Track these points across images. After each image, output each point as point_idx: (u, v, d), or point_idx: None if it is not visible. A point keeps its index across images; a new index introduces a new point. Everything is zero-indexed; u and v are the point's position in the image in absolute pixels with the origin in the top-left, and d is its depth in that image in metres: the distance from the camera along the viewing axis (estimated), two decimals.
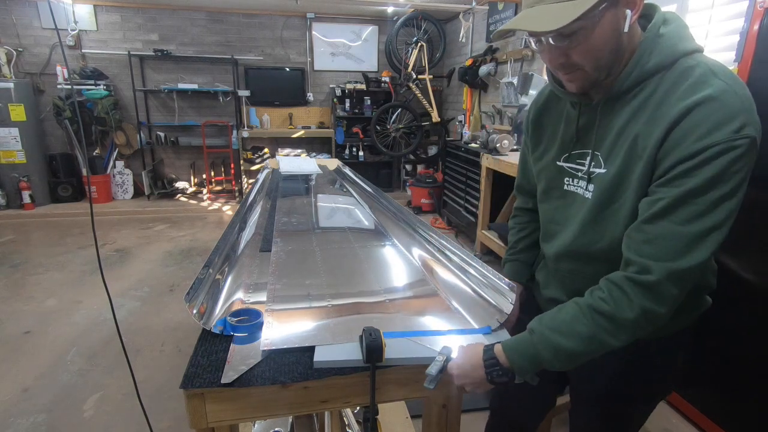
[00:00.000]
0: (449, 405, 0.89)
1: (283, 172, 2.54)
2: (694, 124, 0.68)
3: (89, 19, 5.26)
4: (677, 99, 0.71)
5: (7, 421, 1.87)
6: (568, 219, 0.91)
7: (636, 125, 0.76)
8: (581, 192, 0.87)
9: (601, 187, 0.81)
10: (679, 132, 0.69)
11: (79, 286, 3.23)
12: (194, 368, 0.75)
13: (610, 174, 0.80)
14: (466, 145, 4.21)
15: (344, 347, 0.80)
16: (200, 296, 0.98)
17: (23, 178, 5.01)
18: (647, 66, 0.75)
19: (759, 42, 1.59)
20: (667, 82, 0.74)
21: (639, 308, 0.71)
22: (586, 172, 0.85)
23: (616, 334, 0.73)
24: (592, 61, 0.75)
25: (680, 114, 0.69)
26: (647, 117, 0.74)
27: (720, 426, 1.77)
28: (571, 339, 0.74)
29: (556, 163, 0.92)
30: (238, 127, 5.71)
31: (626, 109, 0.78)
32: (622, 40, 0.74)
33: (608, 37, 0.73)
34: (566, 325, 0.75)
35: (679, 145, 0.69)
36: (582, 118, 0.85)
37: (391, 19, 5.75)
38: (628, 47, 0.76)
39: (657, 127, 0.72)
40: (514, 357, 0.77)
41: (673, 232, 0.69)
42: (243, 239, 1.36)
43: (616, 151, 0.79)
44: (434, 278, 1.09)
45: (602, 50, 0.74)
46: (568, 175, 0.90)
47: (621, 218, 0.79)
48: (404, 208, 1.86)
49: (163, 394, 2.05)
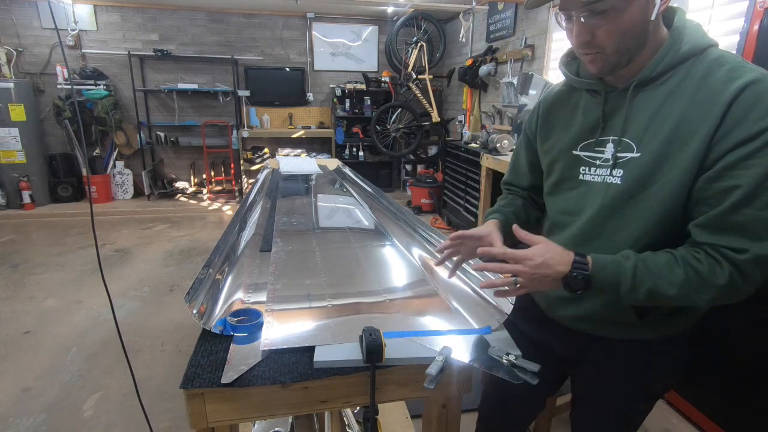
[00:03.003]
0: (449, 405, 0.89)
1: (283, 172, 2.54)
2: (750, 104, 0.70)
3: (89, 19, 5.26)
4: (722, 82, 0.73)
5: (7, 421, 1.87)
6: (583, 208, 0.89)
7: (674, 109, 0.77)
8: (600, 180, 0.86)
9: (635, 171, 0.81)
10: (735, 114, 0.71)
11: (79, 286, 3.23)
12: (194, 368, 0.75)
13: (645, 158, 0.79)
14: (466, 145, 4.21)
15: (344, 347, 0.80)
16: (200, 296, 0.98)
17: (23, 178, 5.01)
18: (681, 51, 0.77)
19: (759, 42, 1.59)
20: (700, 68, 0.76)
21: (729, 277, 0.73)
22: (610, 157, 0.84)
23: (702, 292, 0.75)
24: (616, 43, 0.77)
25: (732, 96, 0.71)
26: (688, 100, 0.75)
27: (720, 426, 1.77)
28: (659, 279, 0.75)
29: (572, 153, 0.91)
30: (238, 127, 5.71)
31: (658, 93, 0.79)
32: (647, 28, 0.77)
33: (636, 21, 0.75)
34: (659, 267, 0.76)
35: (738, 125, 0.70)
36: (606, 105, 0.85)
37: (391, 19, 5.75)
38: (652, 37, 0.78)
39: (707, 111, 0.73)
40: (600, 270, 0.78)
41: (759, 218, 0.70)
42: (243, 239, 1.36)
43: (650, 135, 0.79)
44: (434, 278, 1.09)
45: (628, 33, 0.76)
46: (584, 164, 0.89)
47: (657, 202, 0.79)
48: (404, 208, 1.86)
49: (163, 394, 2.05)
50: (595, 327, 0.94)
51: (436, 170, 5.81)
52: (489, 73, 4.47)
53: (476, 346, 0.84)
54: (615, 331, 0.92)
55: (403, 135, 5.81)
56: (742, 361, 1.69)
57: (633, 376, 0.94)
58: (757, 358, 1.63)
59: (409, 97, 5.55)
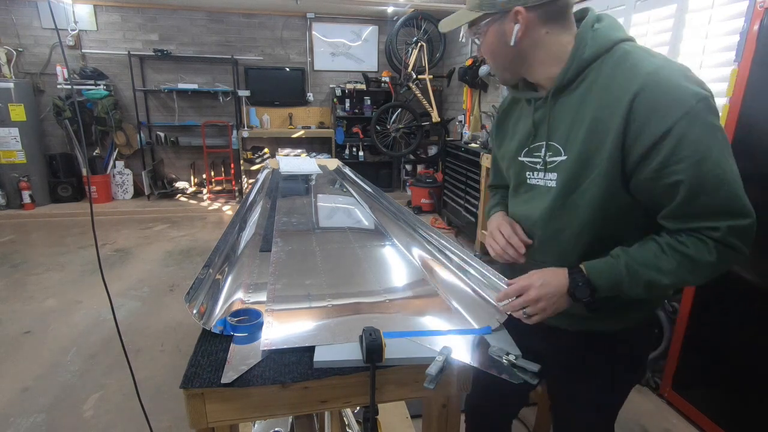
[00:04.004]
0: (449, 405, 0.89)
1: (283, 172, 2.54)
2: (653, 99, 0.73)
3: (89, 19, 5.26)
4: (625, 80, 0.76)
5: (7, 421, 1.87)
6: (535, 211, 0.94)
7: (588, 110, 0.81)
8: (542, 183, 0.92)
9: (565, 173, 0.86)
10: (640, 111, 0.74)
11: (79, 286, 3.23)
12: (194, 368, 0.75)
13: (571, 160, 0.84)
14: (466, 145, 4.21)
15: (344, 347, 0.80)
16: (200, 296, 0.98)
17: (23, 178, 5.01)
18: (584, 55, 0.81)
19: (759, 42, 1.59)
20: (608, 67, 0.80)
21: (717, 252, 0.75)
22: (542, 163, 0.90)
23: (697, 273, 0.78)
24: (492, 62, 0.91)
25: (634, 93, 0.74)
26: (598, 100, 0.79)
27: (720, 426, 1.77)
28: (652, 270, 0.78)
29: (518, 159, 0.97)
30: (238, 127, 5.71)
31: (573, 98, 0.84)
32: (513, 51, 0.85)
33: (495, 46, 0.87)
34: (648, 259, 0.79)
35: (648, 122, 0.73)
36: (537, 112, 0.91)
37: (391, 19, 5.75)
38: (547, 50, 0.84)
39: (614, 110, 0.76)
40: (598, 277, 0.81)
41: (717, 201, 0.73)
42: (243, 239, 1.36)
43: (572, 138, 0.84)
44: (434, 278, 1.09)
45: (495, 54, 0.89)
46: (529, 169, 0.95)
47: (588, 200, 0.83)
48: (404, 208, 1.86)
49: (163, 394, 2.05)
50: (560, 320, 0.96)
51: (436, 170, 5.81)
52: (489, 73, 4.48)
53: (476, 346, 0.84)
54: (577, 323, 0.96)
55: (403, 135, 5.81)
56: (741, 361, 1.69)
57: (597, 368, 0.98)
58: (757, 358, 1.63)
59: (409, 97, 5.55)
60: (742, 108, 1.66)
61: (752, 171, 1.60)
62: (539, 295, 0.84)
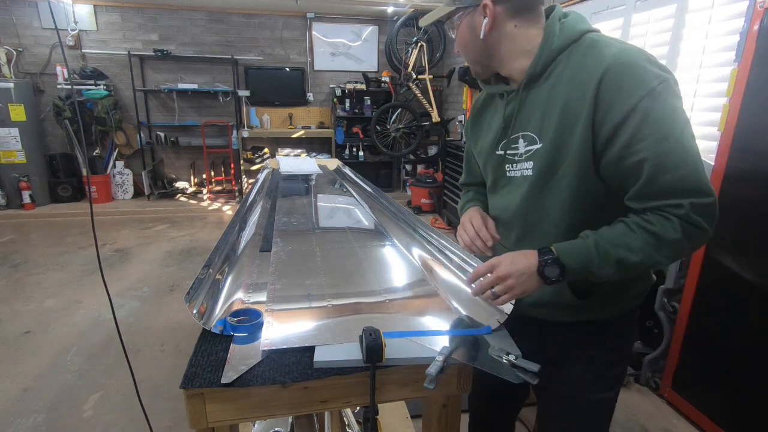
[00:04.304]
0: (449, 405, 0.89)
1: (283, 172, 2.54)
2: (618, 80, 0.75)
3: (89, 19, 5.26)
4: (592, 65, 0.78)
5: (7, 421, 1.87)
6: (512, 203, 0.96)
7: (559, 97, 0.82)
8: (521, 173, 0.92)
9: (541, 161, 0.87)
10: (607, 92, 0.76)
11: (79, 286, 3.23)
12: (194, 368, 0.75)
13: (545, 147, 0.86)
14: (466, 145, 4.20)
15: (344, 347, 0.80)
16: (200, 296, 0.98)
17: (23, 178, 5.01)
18: (554, 45, 0.84)
19: (759, 42, 1.59)
20: (577, 55, 0.82)
21: (682, 229, 0.76)
22: (522, 152, 0.91)
23: (663, 250, 0.77)
24: (465, 56, 0.95)
25: (600, 75, 0.76)
26: (568, 87, 0.81)
27: (720, 426, 1.77)
28: (621, 248, 0.78)
29: (496, 153, 0.98)
30: (238, 127, 5.71)
31: (545, 86, 0.86)
32: (482, 43, 0.88)
33: (467, 39, 0.90)
34: (617, 238, 0.79)
35: (614, 103, 0.75)
36: (509, 106, 0.93)
37: (391, 19, 5.75)
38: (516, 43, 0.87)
39: (583, 94, 0.78)
40: (567, 256, 0.81)
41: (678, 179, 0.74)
42: (243, 239, 1.36)
43: (546, 125, 0.85)
44: (434, 278, 1.09)
45: (467, 47, 0.92)
46: (508, 162, 0.95)
47: (564, 186, 0.85)
48: (404, 208, 1.86)
49: (163, 394, 2.05)
50: (548, 312, 0.98)
51: (436, 170, 5.81)
52: None
53: (476, 346, 0.84)
54: (565, 314, 0.96)
55: (403, 135, 5.80)
56: (742, 360, 1.69)
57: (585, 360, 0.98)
58: (757, 358, 1.63)
59: (409, 97, 5.55)
60: (741, 108, 1.66)
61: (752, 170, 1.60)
62: (508, 272, 0.84)
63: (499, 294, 0.86)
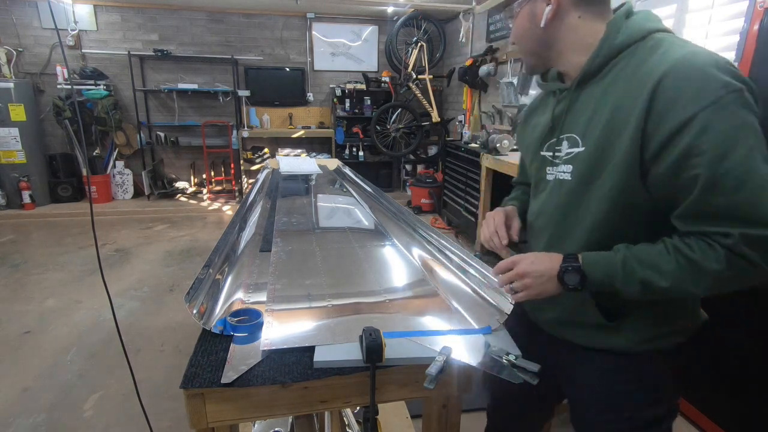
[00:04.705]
0: (449, 405, 0.89)
1: (283, 172, 2.54)
2: (676, 88, 0.68)
3: (89, 19, 5.26)
4: (651, 68, 0.71)
5: (7, 421, 1.87)
6: (548, 207, 0.91)
7: (611, 99, 0.76)
8: (561, 177, 0.87)
9: (581, 166, 0.82)
10: (662, 99, 0.69)
11: (79, 286, 3.23)
12: (194, 368, 0.75)
13: (588, 151, 0.80)
14: (466, 145, 4.21)
15: (344, 347, 0.80)
16: (200, 296, 0.98)
17: (23, 178, 5.01)
18: (616, 41, 0.77)
19: (759, 42, 1.59)
20: (639, 56, 0.75)
21: (726, 261, 0.68)
22: (563, 155, 0.86)
23: (698, 280, 0.71)
24: (520, 45, 0.89)
25: (657, 80, 0.69)
26: (622, 89, 0.75)
27: (720, 426, 1.77)
28: (650, 269, 0.73)
29: (540, 154, 0.93)
30: (238, 127, 5.71)
31: (599, 87, 0.80)
32: (548, 32, 0.83)
33: (525, 27, 0.85)
34: (650, 257, 0.74)
35: (669, 112, 0.68)
36: (559, 105, 0.87)
37: (391, 19, 5.75)
38: (577, 37, 0.81)
39: (635, 97, 0.72)
40: (590, 265, 0.78)
41: (732, 204, 0.67)
42: (243, 239, 1.36)
43: (592, 128, 0.79)
44: (434, 278, 1.09)
45: (524, 36, 0.87)
46: (549, 164, 0.91)
47: (603, 194, 0.79)
48: (404, 208, 1.86)
49: (163, 394, 2.05)
50: (573, 332, 0.92)
51: (436, 170, 5.81)
52: (489, 73, 4.47)
53: (476, 346, 0.84)
54: (592, 337, 0.89)
55: (403, 135, 5.80)
56: (743, 360, 1.69)
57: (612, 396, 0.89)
58: (758, 358, 1.63)
59: (409, 97, 5.55)
60: None
61: None
62: (526, 270, 0.82)
63: (516, 290, 0.85)
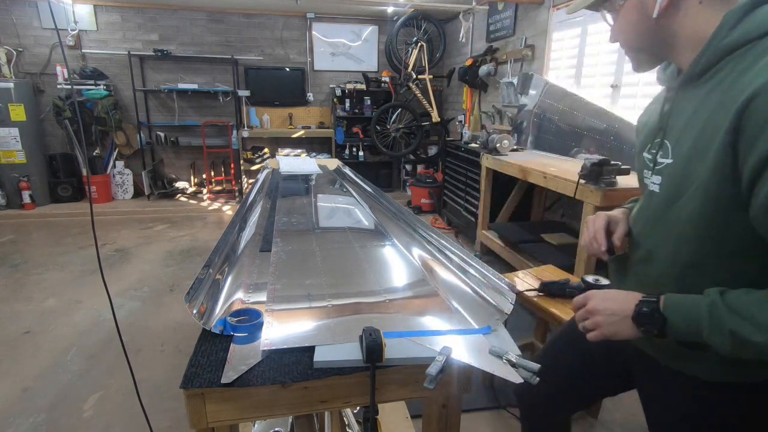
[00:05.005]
0: (449, 405, 0.89)
1: (283, 172, 2.54)
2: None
3: (89, 19, 5.26)
4: (752, 77, 0.60)
5: (7, 421, 1.87)
6: (641, 217, 0.85)
7: (706, 110, 0.67)
8: (651, 188, 0.80)
9: (669, 179, 0.75)
10: (753, 119, 0.58)
11: (79, 286, 3.23)
12: (194, 368, 0.75)
13: (676, 165, 0.73)
14: (466, 145, 4.21)
15: (344, 347, 0.80)
16: (200, 296, 0.98)
17: (23, 178, 5.01)
18: (724, 41, 0.66)
19: None
20: (746, 61, 0.63)
21: None
22: (651, 161, 0.80)
23: None
24: (625, 42, 0.78)
25: (750, 95, 0.59)
26: (720, 99, 0.65)
27: None
28: (742, 319, 0.62)
29: (643, 154, 0.85)
30: (238, 127, 5.71)
31: (701, 90, 0.70)
32: (661, 23, 0.72)
33: (633, 20, 0.75)
34: (744, 305, 0.63)
35: (761, 134, 0.58)
36: (666, 104, 0.79)
37: (391, 19, 5.75)
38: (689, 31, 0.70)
39: (726, 112, 0.62)
40: (672, 309, 0.69)
41: None
42: (243, 239, 1.36)
43: (683, 140, 0.71)
44: (434, 278, 1.09)
45: (630, 31, 0.76)
46: (647, 167, 0.83)
47: (687, 215, 0.70)
48: (404, 208, 1.86)
49: (163, 394, 2.05)
50: (645, 344, 0.86)
51: (436, 170, 5.81)
52: (489, 73, 4.47)
53: (476, 346, 0.84)
54: (665, 355, 0.82)
55: (403, 135, 5.81)
56: None
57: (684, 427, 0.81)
58: None
59: (409, 97, 5.55)
60: None
61: None
62: (596, 308, 0.77)
63: (588, 329, 0.79)
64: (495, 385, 2.02)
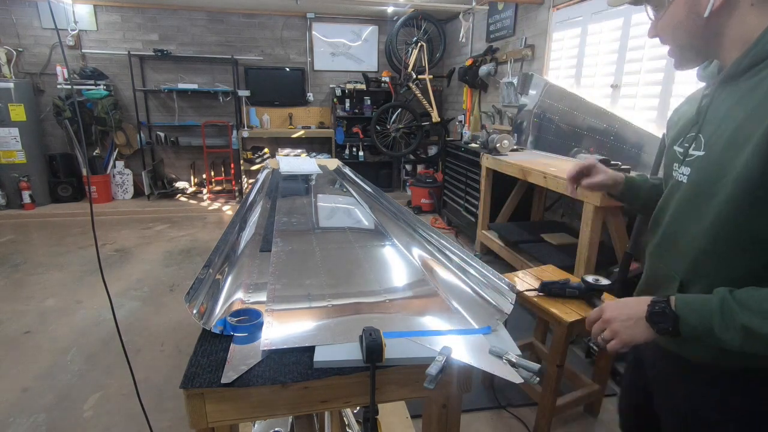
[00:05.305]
0: (449, 405, 0.89)
1: (283, 172, 2.54)
2: None
3: (89, 19, 5.26)
4: None
5: (7, 421, 1.87)
6: (665, 206, 0.86)
7: (743, 108, 0.69)
8: (679, 179, 0.82)
9: (697, 173, 0.77)
10: None
11: (79, 286, 3.23)
12: (194, 368, 0.75)
13: (707, 158, 0.75)
14: (466, 145, 4.21)
15: (344, 347, 0.80)
16: (200, 296, 0.98)
17: (23, 178, 5.01)
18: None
19: None
20: None
21: None
22: (683, 153, 0.81)
23: None
24: (671, 38, 0.78)
25: None
26: (756, 102, 0.67)
27: None
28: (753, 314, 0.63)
29: (673, 148, 0.87)
30: (238, 127, 5.71)
31: (736, 91, 0.72)
32: (710, 22, 0.72)
33: (682, 16, 0.74)
34: (756, 300, 0.64)
35: None
36: (704, 99, 0.80)
37: (391, 19, 5.75)
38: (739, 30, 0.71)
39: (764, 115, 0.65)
40: (683, 307, 0.70)
41: None
42: (243, 239, 1.36)
43: (718, 135, 0.73)
44: (434, 278, 1.09)
45: (677, 28, 0.76)
46: (677, 160, 0.84)
47: (713, 212, 0.72)
48: (404, 208, 1.86)
49: (163, 394, 2.05)
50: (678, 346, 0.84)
51: (436, 170, 5.81)
52: (489, 73, 4.47)
53: (476, 346, 0.84)
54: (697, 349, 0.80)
55: (403, 135, 5.81)
56: None
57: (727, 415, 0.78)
58: None
59: (409, 97, 5.55)
60: None
61: None
62: (611, 316, 0.77)
63: (606, 339, 0.78)
64: (495, 385, 2.02)
